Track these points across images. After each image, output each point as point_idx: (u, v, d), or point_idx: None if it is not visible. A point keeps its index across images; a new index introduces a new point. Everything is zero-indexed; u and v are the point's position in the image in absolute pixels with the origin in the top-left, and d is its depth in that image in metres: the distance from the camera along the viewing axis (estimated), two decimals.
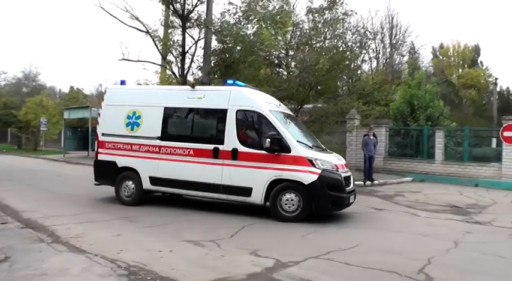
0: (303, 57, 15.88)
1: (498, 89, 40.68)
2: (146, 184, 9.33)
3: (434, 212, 9.88)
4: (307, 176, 8.04)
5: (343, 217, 8.75)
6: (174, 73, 18.52)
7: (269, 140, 8.11)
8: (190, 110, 9.33)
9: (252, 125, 8.88)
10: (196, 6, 17.99)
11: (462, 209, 10.31)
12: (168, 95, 9.73)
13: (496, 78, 39.73)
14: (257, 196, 8.33)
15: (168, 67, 18.56)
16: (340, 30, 16.81)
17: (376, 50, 31.35)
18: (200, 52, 18.18)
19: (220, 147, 8.58)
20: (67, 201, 9.85)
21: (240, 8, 17.53)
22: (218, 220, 8.26)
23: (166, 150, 9.12)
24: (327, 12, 16.99)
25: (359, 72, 22.02)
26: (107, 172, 9.77)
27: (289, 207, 8.14)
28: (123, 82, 10.54)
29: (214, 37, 17.99)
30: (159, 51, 18.42)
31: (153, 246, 6.04)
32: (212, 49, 18.00)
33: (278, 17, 16.83)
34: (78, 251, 5.75)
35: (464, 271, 5.51)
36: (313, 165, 8.11)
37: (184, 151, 8.95)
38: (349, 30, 17.42)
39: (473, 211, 10.09)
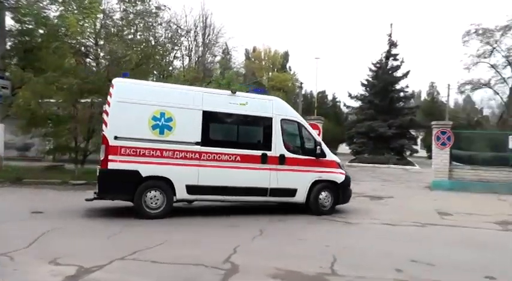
0: (112, 49, 15.35)
1: (303, 92, 46.37)
2: (181, 193, 8.76)
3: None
4: (340, 177, 10.03)
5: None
6: None
7: (319, 147, 9.73)
8: (234, 115, 9.35)
9: (294, 134, 9.95)
10: None
11: None
12: (205, 98, 9.18)
13: (302, 83, 45.51)
14: (300, 196, 9.59)
15: None
16: (152, 24, 16.82)
17: (189, 48, 32.00)
18: None
19: (268, 153, 9.29)
20: None
21: None
22: (12, 227, 7.44)
23: (209, 156, 8.87)
24: (139, 3, 16.79)
25: (170, 68, 22.36)
26: (123, 184, 8.43)
27: (326, 202, 9.80)
28: (125, 74, 9.10)
29: (10, 15, 15.97)
30: None
31: None
32: (8, 29, 15.96)
33: (86, 1, 15.87)
34: None
35: (268, 256, 6.15)
36: (340, 167, 10.20)
37: (230, 157, 8.99)
38: (161, 25, 17.56)
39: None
